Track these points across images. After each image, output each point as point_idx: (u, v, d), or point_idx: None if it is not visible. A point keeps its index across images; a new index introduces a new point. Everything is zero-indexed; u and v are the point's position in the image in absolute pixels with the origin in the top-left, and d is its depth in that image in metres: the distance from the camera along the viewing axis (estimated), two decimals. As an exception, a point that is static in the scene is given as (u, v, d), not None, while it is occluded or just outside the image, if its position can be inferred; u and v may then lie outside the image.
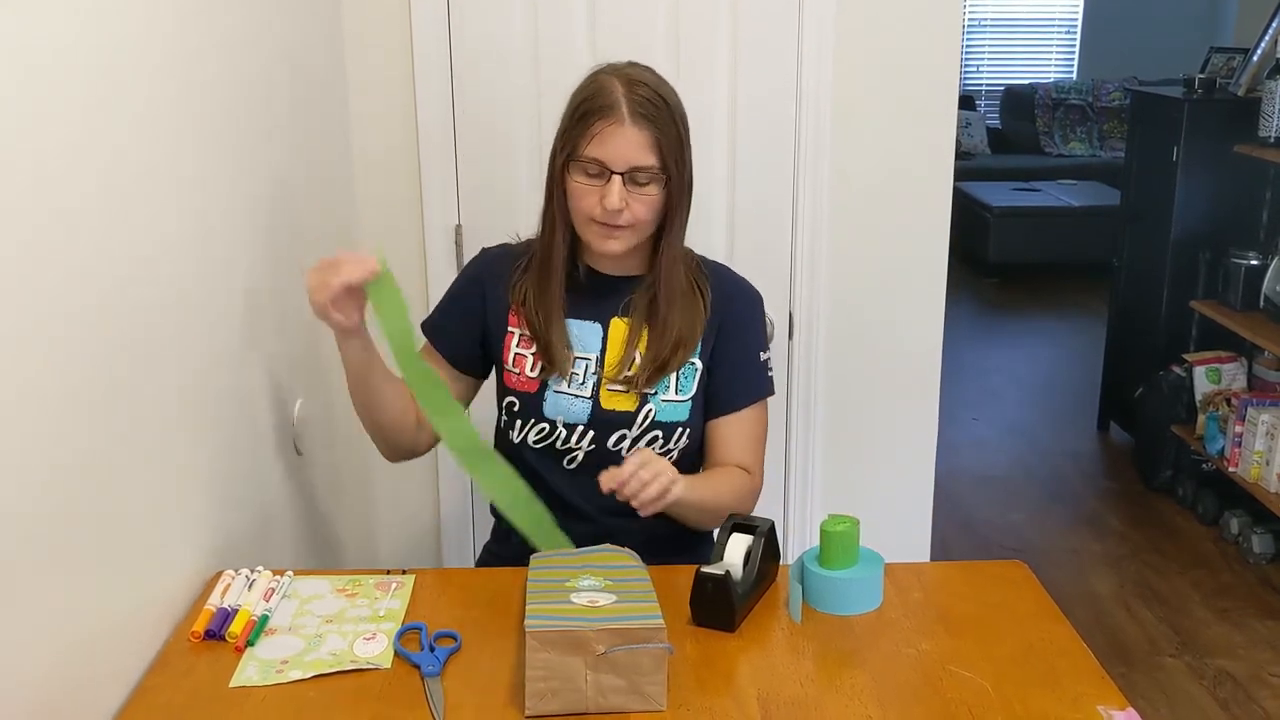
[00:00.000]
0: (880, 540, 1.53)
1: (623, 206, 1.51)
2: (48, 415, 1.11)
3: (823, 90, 2.36)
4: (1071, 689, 1.25)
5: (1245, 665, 2.96)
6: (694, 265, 1.68)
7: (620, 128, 1.50)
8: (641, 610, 1.23)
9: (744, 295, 1.71)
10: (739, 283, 1.72)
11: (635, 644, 1.19)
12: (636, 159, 1.51)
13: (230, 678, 1.27)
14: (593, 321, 1.64)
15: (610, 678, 1.19)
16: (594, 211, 1.53)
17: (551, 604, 1.25)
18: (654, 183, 1.53)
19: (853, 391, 2.55)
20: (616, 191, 1.50)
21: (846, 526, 1.42)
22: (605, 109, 1.51)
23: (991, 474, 4.21)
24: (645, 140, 1.51)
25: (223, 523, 1.56)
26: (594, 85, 1.54)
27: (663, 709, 1.20)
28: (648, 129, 1.51)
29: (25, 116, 1.07)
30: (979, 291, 6.67)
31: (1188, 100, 3.91)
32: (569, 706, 1.19)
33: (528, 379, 1.64)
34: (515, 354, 1.65)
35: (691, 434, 1.65)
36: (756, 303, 1.72)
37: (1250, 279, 3.64)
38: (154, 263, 1.35)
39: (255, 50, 1.75)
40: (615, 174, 1.50)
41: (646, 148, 1.51)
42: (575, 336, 1.63)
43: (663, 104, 1.53)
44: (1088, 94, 7.87)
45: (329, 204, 2.20)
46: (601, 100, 1.51)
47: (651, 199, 1.54)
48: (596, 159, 1.51)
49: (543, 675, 1.19)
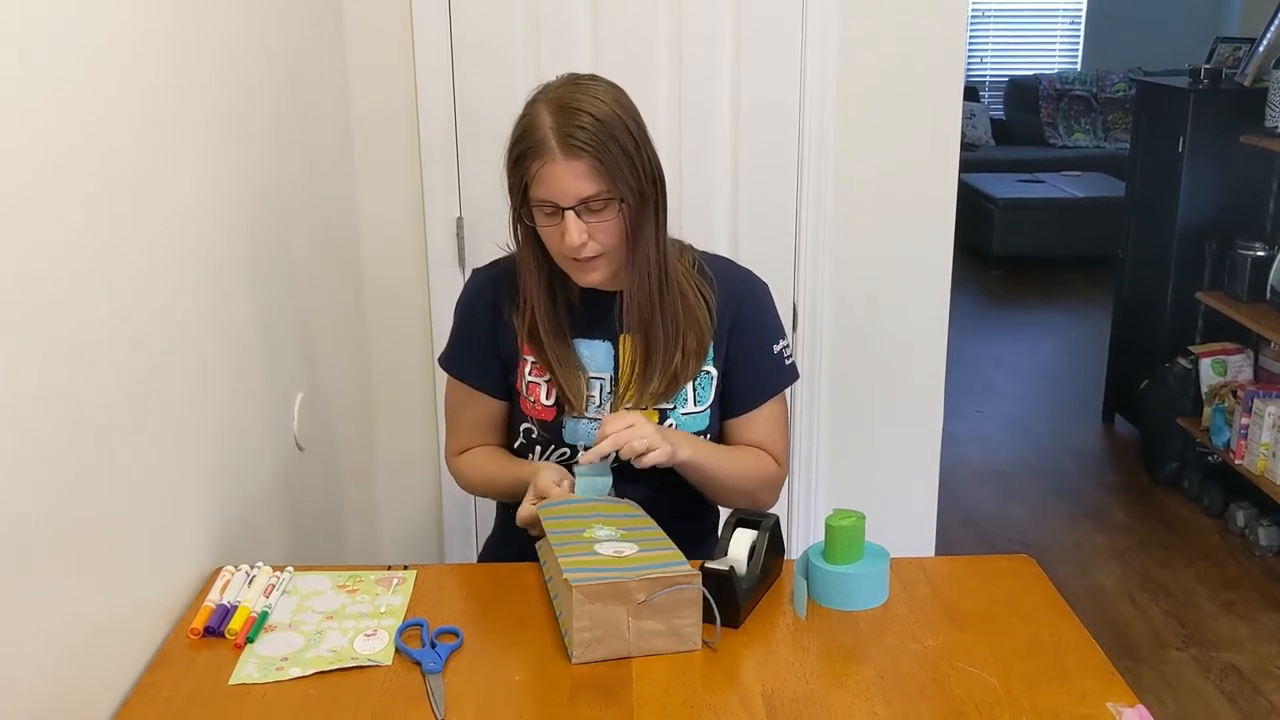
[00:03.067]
0: (884, 534, 1.51)
1: (584, 240, 1.46)
2: (48, 413, 1.10)
3: (827, 80, 2.35)
4: (1080, 685, 1.24)
5: (1251, 658, 2.95)
6: (693, 266, 1.62)
7: (554, 164, 1.43)
8: (667, 558, 1.33)
9: (751, 293, 1.66)
10: (745, 279, 1.67)
11: (671, 589, 1.28)
12: (580, 190, 1.44)
13: (230, 675, 1.26)
14: (602, 340, 1.60)
15: (650, 622, 1.28)
16: (562, 249, 1.49)
17: (581, 556, 1.32)
18: (608, 208, 1.47)
19: (857, 385, 2.54)
20: (573, 228, 1.45)
21: (852, 521, 1.41)
22: (536, 148, 1.44)
23: (995, 467, 4.19)
24: (583, 170, 1.44)
25: (223, 518, 1.55)
26: (525, 122, 1.47)
27: (697, 648, 1.30)
28: (583, 158, 1.43)
29: (25, 117, 1.06)
30: (983, 283, 6.65)
31: (1193, 91, 3.88)
32: (613, 652, 1.28)
33: (544, 407, 1.61)
34: (529, 382, 1.62)
35: (712, 439, 1.63)
36: (764, 295, 1.67)
37: (1256, 270, 3.62)
38: (155, 260, 1.34)
39: (257, 46, 1.74)
40: (565, 209, 1.45)
41: (587, 176, 1.44)
42: (586, 357, 1.60)
43: (597, 125, 1.44)
44: (1092, 85, 7.84)
45: (330, 198, 2.19)
46: (531, 140, 1.45)
47: (611, 224, 1.48)
48: (543, 200, 1.46)
49: (588, 626, 1.27)
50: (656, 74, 2.35)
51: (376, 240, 2.41)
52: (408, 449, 2.55)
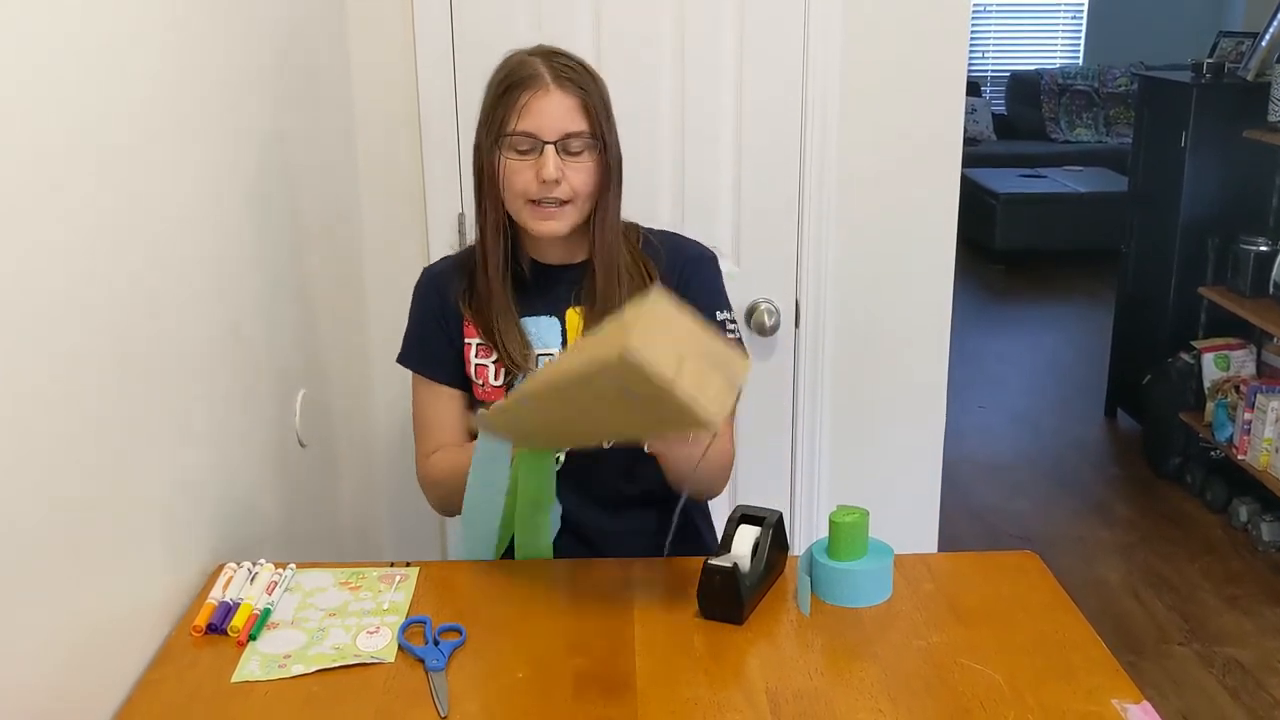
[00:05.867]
0: (887, 529, 1.51)
1: (559, 177, 1.47)
2: (49, 412, 1.09)
3: (830, 78, 2.34)
4: (1085, 681, 1.23)
5: (1255, 653, 2.94)
6: (637, 241, 1.62)
7: (547, 95, 1.47)
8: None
9: (693, 260, 1.64)
10: (688, 248, 1.65)
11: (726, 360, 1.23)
12: (567, 124, 1.47)
13: (233, 673, 1.26)
14: (548, 316, 1.59)
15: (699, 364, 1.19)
16: (530, 189, 1.48)
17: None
18: (587, 151, 1.49)
19: (860, 381, 2.53)
20: (551, 161, 1.46)
21: (856, 518, 1.41)
22: (529, 79, 1.47)
23: (998, 462, 4.19)
24: (573, 104, 1.47)
25: (225, 515, 1.55)
26: (512, 62, 1.51)
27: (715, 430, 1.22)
28: (574, 93, 1.48)
29: (25, 117, 1.05)
30: (985, 278, 6.65)
31: (1196, 85, 3.88)
32: (658, 361, 1.15)
33: (493, 388, 1.59)
34: (476, 364, 1.60)
35: None
36: (708, 262, 1.65)
37: (1259, 265, 3.62)
38: (156, 258, 1.34)
39: (259, 42, 1.74)
40: (548, 144, 1.46)
41: (576, 112, 1.48)
42: (533, 335, 1.58)
43: (584, 70, 1.51)
44: (1094, 79, 7.83)
45: (332, 192, 2.19)
46: (524, 72, 1.48)
47: (587, 168, 1.49)
48: (526, 132, 1.47)
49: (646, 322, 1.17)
50: (659, 73, 2.34)
51: (378, 237, 2.40)
52: (410, 445, 2.53)
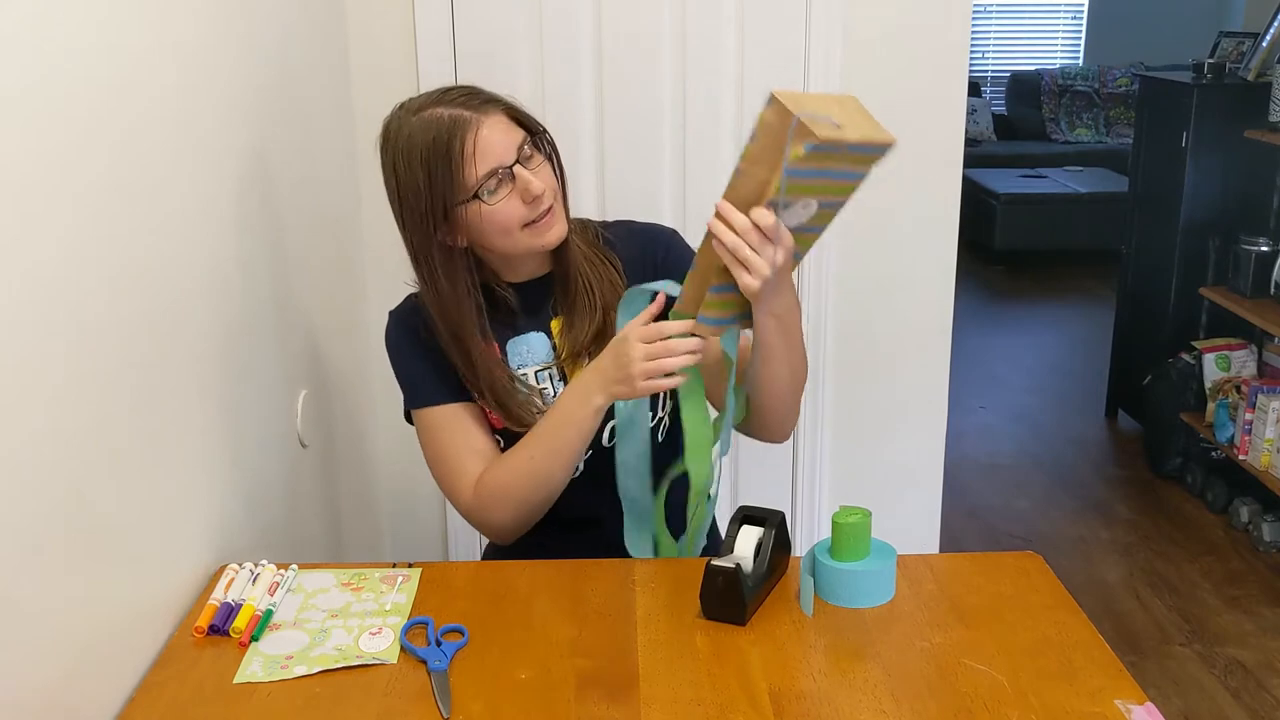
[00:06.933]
0: (888, 530, 1.51)
1: (542, 185, 1.46)
2: (49, 412, 1.09)
3: (831, 78, 2.34)
4: (1088, 682, 1.23)
5: (1256, 653, 2.94)
6: (596, 239, 1.62)
7: (481, 126, 1.42)
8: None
9: (662, 237, 1.64)
10: (652, 228, 1.66)
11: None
12: (512, 138, 1.45)
13: (235, 673, 1.26)
14: (536, 331, 1.59)
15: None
16: (521, 214, 1.46)
17: None
18: (537, 151, 1.49)
19: (862, 382, 2.53)
20: (530, 176, 1.44)
21: (858, 518, 1.40)
22: (454, 126, 1.42)
23: (998, 462, 4.19)
24: (502, 119, 1.45)
25: (226, 516, 1.55)
26: (416, 129, 1.44)
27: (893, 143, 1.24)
28: (494, 109, 1.45)
29: (26, 117, 1.05)
30: (985, 279, 6.64)
31: (1197, 85, 3.87)
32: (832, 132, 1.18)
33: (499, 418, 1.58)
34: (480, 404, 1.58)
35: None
36: (675, 237, 1.65)
37: (1260, 265, 3.62)
38: (156, 257, 1.34)
39: (260, 52, 1.74)
40: (514, 165, 1.44)
41: (509, 124, 1.46)
42: (527, 352, 1.58)
43: (474, 88, 1.48)
44: (1094, 80, 7.83)
45: (332, 195, 2.19)
46: (443, 126, 1.42)
47: (545, 166, 1.49)
48: (490, 170, 1.43)
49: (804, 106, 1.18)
50: (659, 73, 2.34)
51: (379, 238, 2.40)
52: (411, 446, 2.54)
